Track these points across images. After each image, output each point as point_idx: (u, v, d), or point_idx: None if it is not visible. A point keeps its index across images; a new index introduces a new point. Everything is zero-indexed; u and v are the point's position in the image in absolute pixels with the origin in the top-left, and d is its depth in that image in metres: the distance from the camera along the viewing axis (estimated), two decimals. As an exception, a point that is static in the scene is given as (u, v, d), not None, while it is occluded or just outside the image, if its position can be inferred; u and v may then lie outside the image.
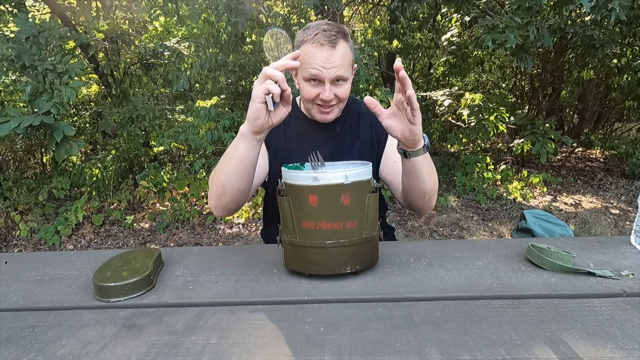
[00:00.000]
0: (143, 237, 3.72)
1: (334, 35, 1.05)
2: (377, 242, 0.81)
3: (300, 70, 1.10)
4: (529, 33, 2.96)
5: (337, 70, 1.05)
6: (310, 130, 1.23)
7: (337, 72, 1.05)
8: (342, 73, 1.06)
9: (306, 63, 1.06)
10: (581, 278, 0.75)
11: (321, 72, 1.05)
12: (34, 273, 0.87)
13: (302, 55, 1.06)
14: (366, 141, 1.24)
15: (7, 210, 4.00)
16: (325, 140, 1.21)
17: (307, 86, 1.10)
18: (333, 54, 1.04)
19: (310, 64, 1.06)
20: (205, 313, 0.68)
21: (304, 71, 1.08)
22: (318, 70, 1.05)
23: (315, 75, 1.06)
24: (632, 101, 5.46)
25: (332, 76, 1.06)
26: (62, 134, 2.76)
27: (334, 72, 1.05)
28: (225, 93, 4.98)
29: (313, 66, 1.05)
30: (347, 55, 1.08)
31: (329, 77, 1.06)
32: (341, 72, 1.06)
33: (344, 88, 1.11)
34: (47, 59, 2.85)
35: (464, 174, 4.66)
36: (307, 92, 1.10)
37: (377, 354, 0.56)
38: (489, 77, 6.57)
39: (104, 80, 4.91)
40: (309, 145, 1.16)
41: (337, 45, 1.05)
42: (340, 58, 1.05)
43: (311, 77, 1.08)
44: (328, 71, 1.05)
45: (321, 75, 1.06)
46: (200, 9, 3.92)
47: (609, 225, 3.65)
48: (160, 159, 5.49)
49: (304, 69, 1.08)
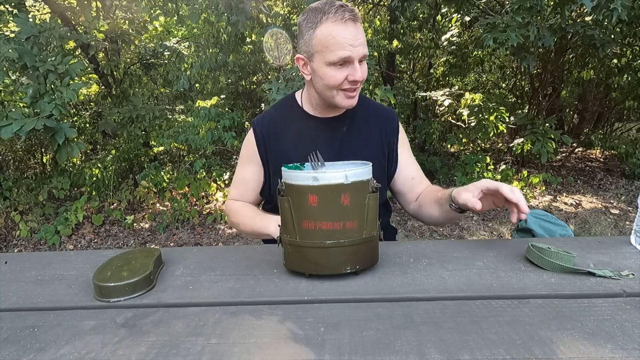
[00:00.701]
0: (143, 237, 3.72)
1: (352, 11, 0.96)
2: (377, 242, 0.81)
3: (322, 55, 0.98)
4: (529, 33, 2.96)
5: (364, 48, 0.97)
6: (314, 130, 1.14)
7: (363, 49, 0.97)
8: (365, 51, 0.98)
9: (331, 45, 0.95)
10: (581, 278, 0.75)
11: (350, 52, 0.95)
12: (34, 273, 0.87)
13: (322, 37, 0.96)
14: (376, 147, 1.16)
15: (7, 210, 4.01)
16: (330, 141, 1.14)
17: (332, 71, 0.98)
18: (358, 29, 0.96)
19: (336, 45, 0.95)
20: (205, 313, 0.68)
21: (328, 55, 0.96)
22: (347, 50, 0.95)
23: (345, 56, 0.95)
24: (632, 101, 5.46)
25: (361, 54, 0.97)
26: (64, 136, 2.76)
27: (362, 51, 0.97)
28: (225, 93, 4.98)
29: (341, 47, 0.95)
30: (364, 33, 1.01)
31: (358, 55, 0.96)
32: (364, 49, 0.98)
33: (365, 68, 1.01)
34: (48, 60, 2.85)
35: (464, 174, 4.66)
36: (333, 78, 0.99)
37: (377, 354, 0.56)
38: (489, 77, 6.57)
39: (104, 80, 4.91)
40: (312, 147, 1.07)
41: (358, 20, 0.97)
42: (363, 34, 0.98)
43: (339, 60, 0.96)
44: (357, 49, 0.95)
45: (351, 55, 0.95)
46: (200, 9, 3.92)
47: (609, 225, 3.65)
48: (160, 159, 5.49)
49: (329, 52, 0.96)
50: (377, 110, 1.21)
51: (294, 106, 1.19)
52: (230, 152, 5.33)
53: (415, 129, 5.50)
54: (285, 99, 1.24)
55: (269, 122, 1.19)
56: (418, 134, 5.43)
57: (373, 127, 1.17)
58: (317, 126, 1.14)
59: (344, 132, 1.14)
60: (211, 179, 4.53)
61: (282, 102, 1.23)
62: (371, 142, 1.16)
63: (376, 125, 1.17)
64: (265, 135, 1.17)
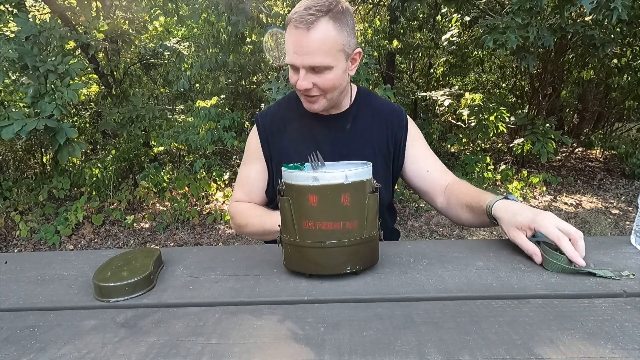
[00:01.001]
0: (143, 237, 3.72)
1: (311, 15, 0.89)
2: (377, 242, 0.81)
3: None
4: (529, 34, 2.96)
5: (311, 58, 0.92)
6: (315, 128, 1.11)
7: (310, 59, 0.92)
8: (319, 61, 0.92)
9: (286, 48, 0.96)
10: (581, 278, 0.75)
11: (293, 59, 0.94)
12: (34, 273, 0.87)
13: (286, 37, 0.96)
14: (381, 146, 1.12)
15: (7, 210, 4.01)
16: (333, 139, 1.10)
17: (290, 72, 0.99)
18: (307, 37, 0.90)
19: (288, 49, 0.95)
20: (205, 313, 0.68)
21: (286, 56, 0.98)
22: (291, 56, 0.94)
23: (290, 62, 0.95)
24: (632, 101, 5.46)
25: (305, 63, 0.93)
26: (65, 136, 2.76)
27: (307, 60, 0.92)
28: (226, 93, 4.98)
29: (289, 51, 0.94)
30: (330, 39, 0.92)
31: (302, 64, 0.93)
32: (317, 59, 0.92)
33: (326, 77, 0.96)
34: (48, 60, 2.85)
35: (464, 174, 4.66)
36: (291, 79, 1.00)
37: (377, 354, 0.56)
38: (489, 77, 6.57)
39: (104, 80, 4.92)
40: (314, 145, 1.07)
41: (313, 27, 0.89)
42: (318, 42, 0.90)
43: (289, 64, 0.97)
44: (300, 58, 0.92)
45: (293, 62, 0.94)
46: (200, 9, 3.92)
47: (609, 225, 3.65)
48: (160, 159, 5.49)
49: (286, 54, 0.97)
50: (383, 107, 1.17)
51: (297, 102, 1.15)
52: (230, 152, 5.33)
53: (415, 129, 5.49)
54: (289, 96, 1.20)
55: (272, 117, 1.16)
56: (418, 134, 5.42)
57: (378, 124, 1.13)
58: (320, 124, 1.11)
59: (347, 130, 1.11)
60: (211, 179, 4.53)
61: (286, 99, 1.20)
62: (375, 140, 1.12)
63: (381, 122, 1.13)
64: (268, 131, 1.14)
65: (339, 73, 0.98)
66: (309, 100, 1.02)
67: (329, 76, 0.96)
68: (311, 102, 1.02)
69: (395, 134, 1.13)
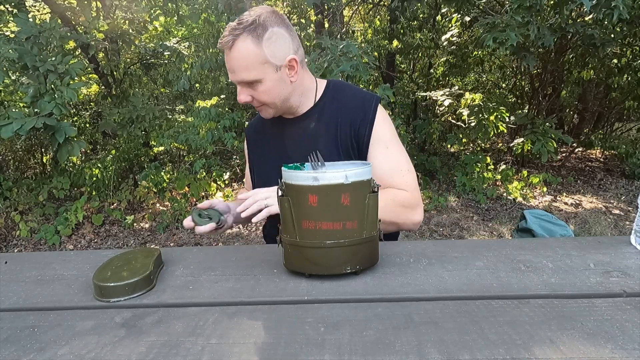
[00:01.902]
0: (143, 237, 3.72)
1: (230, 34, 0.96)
2: (377, 242, 0.81)
3: None
4: (529, 32, 2.96)
5: (236, 75, 0.99)
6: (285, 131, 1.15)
7: (236, 77, 0.99)
8: (244, 76, 0.98)
9: None
10: (581, 278, 0.75)
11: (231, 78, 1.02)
12: (34, 273, 0.87)
13: None
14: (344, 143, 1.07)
15: (7, 210, 4.01)
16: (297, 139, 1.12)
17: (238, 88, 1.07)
18: (229, 57, 0.98)
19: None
20: (205, 313, 0.68)
21: None
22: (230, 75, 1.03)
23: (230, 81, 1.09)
24: (632, 101, 5.46)
25: (237, 80, 1.00)
26: (65, 134, 2.77)
27: (234, 78, 1.00)
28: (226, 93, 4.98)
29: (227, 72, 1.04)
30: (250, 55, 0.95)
31: (236, 81, 1.01)
32: (243, 75, 0.98)
33: (259, 90, 1.01)
34: (48, 60, 2.86)
35: (464, 174, 4.67)
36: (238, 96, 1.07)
37: (377, 354, 0.56)
38: (489, 77, 6.57)
39: (104, 80, 4.92)
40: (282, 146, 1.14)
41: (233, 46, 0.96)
42: (238, 61, 0.97)
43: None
44: (232, 75, 1.01)
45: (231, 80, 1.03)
46: (200, 9, 3.92)
47: (609, 225, 3.65)
48: (161, 159, 5.49)
49: None
50: (351, 101, 1.10)
51: None
52: (230, 152, 5.33)
53: (415, 129, 5.50)
54: None
55: (254, 127, 1.26)
56: (418, 134, 5.43)
57: (343, 120, 1.08)
58: (287, 127, 1.15)
59: (311, 129, 1.10)
60: (211, 179, 4.53)
61: None
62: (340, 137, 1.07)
63: (346, 118, 1.07)
64: (251, 141, 1.26)
65: (270, 84, 1.00)
66: (257, 110, 1.10)
67: (261, 88, 1.01)
68: (260, 111, 1.09)
69: (358, 130, 1.07)
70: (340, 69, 2.90)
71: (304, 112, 1.12)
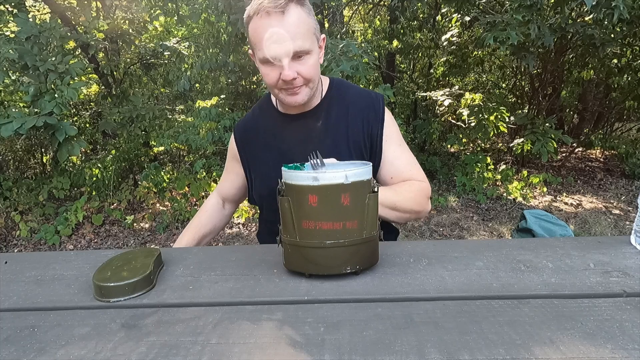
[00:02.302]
0: (143, 237, 3.72)
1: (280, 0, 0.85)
2: (377, 242, 0.81)
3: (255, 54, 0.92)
4: (530, 31, 2.96)
5: (293, 43, 0.86)
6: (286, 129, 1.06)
7: (292, 45, 0.87)
8: (300, 44, 0.88)
9: (257, 44, 0.89)
10: (581, 278, 0.75)
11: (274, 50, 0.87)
12: (34, 273, 0.87)
13: (251, 36, 0.90)
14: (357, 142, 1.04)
15: (7, 210, 4.01)
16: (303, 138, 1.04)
17: (266, 69, 0.92)
18: (285, 22, 0.85)
19: (261, 44, 0.88)
20: (205, 313, 0.68)
21: (257, 53, 0.91)
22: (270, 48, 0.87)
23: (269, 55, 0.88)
24: (632, 101, 5.46)
25: (289, 51, 0.87)
26: (65, 134, 2.77)
27: (289, 47, 0.87)
28: (226, 93, 4.98)
29: (265, 45, 0.87)
30: (304, 22, 0.88)
31: (286, 53, 0.87)
32: (298, 43, 0.87)
33: (309, 64, 0.91)
34: (49, 60, 2.86)
35: (464, 174, 4.66)
36: (267, 78, 0.93)
37: (377, 354, 0.56)
38: (489, 77, 6.57)
39: (104, 80, 4.92)
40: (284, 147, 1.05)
41: (287, 10, 0.85)
42: (294, 26, 0.86)
43: (265, 59, 0.89)
44: (282, 46, 0.86)
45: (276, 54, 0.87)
46: (200, 8, 3.92)
47: (609, 225, 3.65)
48: (161, 159, 5.49)
49: (258, 50, 0.90)
50: (359, 99, 1.08)
51: (268, 106, 1.12)
52: (230, 152, 5.31)
53: (415, 129, 5.50)
54: (262, 99, 1.18)
55: (244, 126, 1.16)
56: (418, 134, 5.43)
57: (353, 119, 1.05)
58: (290, 124, 1.06)
59: (319, 127, 1.04)
60: (211, 179, 4.53)
61: (259, 103, 1.18)
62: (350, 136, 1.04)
63: (356, 116, 1.05)
64: (243, 141, 1.15)
65: (316, 58, 0.94)
66: (293, 92, 0.95)
67: (311, 62, 0.92)
68: (295, 93, 0.95)
69: (371, 129, 1.05)
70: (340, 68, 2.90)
71: (311, 107, 1.06)
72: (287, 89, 0.95)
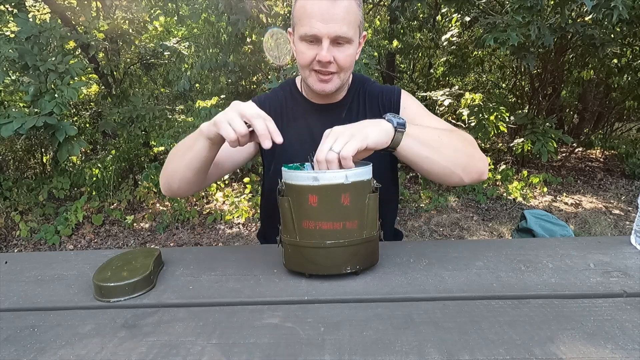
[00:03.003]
0: (143, 237, 3.72)
1: None
2: (377, 242, 0.81)
3: (297, 27, 0.93)
4: (530, 32, 2.96)
5: (338, 26, 0.87)
6: (311, 117, 1.06)
7: (337, 28, 0.87)
8: (344, 30, 0.88)
9: (301, 20, 0.90)
10: (581, 278, 0.75)
11: (318, 28, 0.87)
12: (34, 273, 0.87)
13: (297, 12, 0.91)
14: None
15: (7, 210, 4.00)
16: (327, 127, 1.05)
17: (303, 47, 0.92)
18: (335, 5, 0.87)
19: (305, 20, 0.89)
20: (205, 313, 0.68)
21: (300, 28, 0.91)
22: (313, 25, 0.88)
23: (311, 33, 0.88)
24: (632, 101, 5.45)
25: (332, 32, 0.88)
26: (65, 134, 2.77)
27: (333, 28, 0.87)
28: (226, 93, 4.97)
29: (309, 21, 0.88)
30: (353, 12, 0.90)
31: (328, 34, 0.88)
32: (344, 29, 0.88)
33: (347, 53, 0.92)
34: (49, 59, 2.86)
35: (464, 174, 4.66)
36: (302, 56, 0.93)
37: (377, 354, 0.56)
38: (489, 77, 6.57)
39: (104, 80, 4.91)
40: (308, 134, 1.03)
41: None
42: (343, 11, 0.87)
43: (306, 36, 0.90)
44: (326, 26, 0.87)
45: (318, 32, 0.88)
46: (200, 8, 3.92)
47: (609, 225, 3.65)
48: (161, 159, 5.48)
49: (300, 25, 0.91)
50: (375, 92, 1.09)
51: (293, 90, 1.10)
52: (230, 152, 5.31)
53: (415, 129, 5.48)
54: (286, 83, 1.15)
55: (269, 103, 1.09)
56: (418, 134, 5.41)
57: (371, 110, 1.06)
58: (316, 113, 1.06)
59: (342, 119, 1.05)
60: (211, 179, 4.52)
61: (282, 86, 1.15)
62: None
63: (374, 107, 1.06)
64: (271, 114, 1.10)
65: (354, 50, 0.94)
66: (324, 79, 0.95)
67: (349, 51, 0.92)
68: (325, 80, 0.95)
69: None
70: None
71: (338, 100, 1.06)
72: (319, 72, 0.94)
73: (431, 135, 0.85)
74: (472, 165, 0.90)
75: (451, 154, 0.86)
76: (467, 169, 0.89)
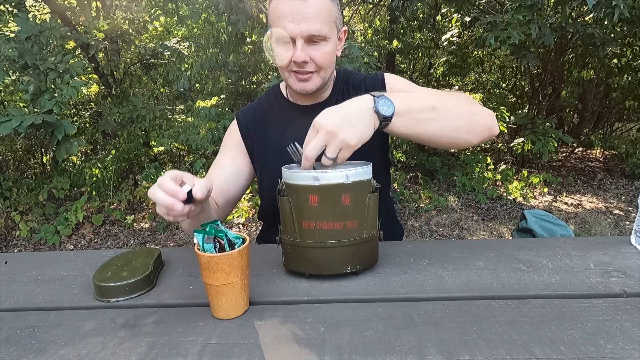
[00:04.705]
0: (143, 237, 3.72)
1: None
2: (377, 242, 0.81)
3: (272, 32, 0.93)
4: (530, 31, 2.96)
5: (310, 25, 0.86)
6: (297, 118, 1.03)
7: (310, 26, 0.86)
8: (318, 28, 0.87)
9: (275, 21, 0.90)
10: (581, 278, 0.75)
11: (289, 28, 0.87)
12: (34, 273, 0.87)
13: (271, 13, 0.91)
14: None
15: (7, 210, 4.00)
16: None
17: (278, 49, 0.92)
18: (305, 4, 0.85)
19: (277, 21, 0.88)
20: (205, 313, 0.68)
21: (273, 31, 0.91)
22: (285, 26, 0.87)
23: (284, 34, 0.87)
24: (632, 101, 5.45)
25: (304, 32, 0.87)
26: (64, 132, 2.77)
27: (305, 27, 0.86)
28: (226, 93, 4.97)
29: (280, 22, 0.87)
30: (326, 8, 0.88)
31: (300, 33, 0.87)
32: (317, 27, 0.87)
33: (323, 50, 0.91)
34: (48, 59, 2.86)
35: (464, 174, 4.66)
36: (279, 58, 0.92)
37: (377, 354, 0.56)
38: (489, 77, 6.57)
39: (104, 80, 4.91)
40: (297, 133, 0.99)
41: None
42: (315, 9, 0.86)
43: (280, 37, 0.89)
44: (298, 26, 0.86)
45: (290, 32, 0.87)
46: (200, 8, 3.92)
47: (609, 225, 3.65)
48: (161, 159, 5.49)
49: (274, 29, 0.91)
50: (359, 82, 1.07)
51: (277, 95, 1.10)
52: (230, 152, 5.31)
53: (415, 128, 5.48)
54: (270, 89, 1.15)
55: (254, 112, 1.11)
56: (418, 134, 5.42)
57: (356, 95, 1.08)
58: (300, 115, 1.03)
59: None
60: (211, 179, 4.52)
61: (267, 93, 1.15)
62: None
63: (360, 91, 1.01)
64: (250, 127, 1.09)
65: (332, 47, 0.93)
66: (302, 78, 0.94)
67: (326, 49, 0.91)
68: (304, 80, 0.94)
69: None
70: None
71: (323, 99, 1.05)
72: (297, 73, 0.93)
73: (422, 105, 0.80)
74: (475, 123, 0.85)
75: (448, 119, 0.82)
76: (470, 129, 0.85)
